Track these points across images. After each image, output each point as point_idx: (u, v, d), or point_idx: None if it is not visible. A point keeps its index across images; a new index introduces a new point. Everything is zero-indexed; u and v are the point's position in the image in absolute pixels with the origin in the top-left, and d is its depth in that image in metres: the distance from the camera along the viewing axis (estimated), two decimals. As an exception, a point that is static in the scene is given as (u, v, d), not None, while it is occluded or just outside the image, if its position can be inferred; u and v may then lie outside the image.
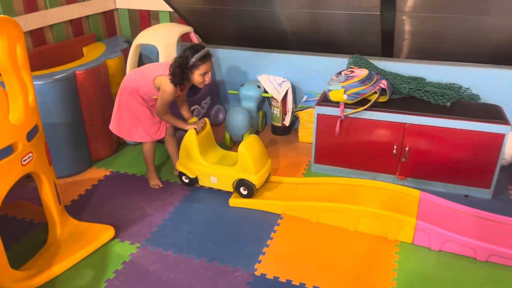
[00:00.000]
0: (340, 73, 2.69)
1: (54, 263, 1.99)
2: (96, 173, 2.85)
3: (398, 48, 3.13)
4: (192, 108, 3.17)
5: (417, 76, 2.88)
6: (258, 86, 3.17)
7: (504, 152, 2.40)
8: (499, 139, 2.35)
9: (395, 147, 2.57)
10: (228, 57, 3.45)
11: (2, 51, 1.69)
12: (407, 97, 2.68)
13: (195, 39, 3.32)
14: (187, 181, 2.63)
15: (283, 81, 3.20)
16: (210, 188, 2.64)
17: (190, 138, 2.53)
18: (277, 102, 3.19)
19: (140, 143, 2.92)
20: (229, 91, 3.31)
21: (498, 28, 2.65)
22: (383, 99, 2.61)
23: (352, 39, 3.12)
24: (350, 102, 2.56)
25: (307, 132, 3.17)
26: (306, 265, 2.04)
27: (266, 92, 3.18)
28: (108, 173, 2.85)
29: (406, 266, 2.02)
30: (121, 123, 2.56)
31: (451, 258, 2.06)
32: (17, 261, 2.00)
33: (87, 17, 3.46)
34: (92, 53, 3.11)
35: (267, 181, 2.60)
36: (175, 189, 2.65)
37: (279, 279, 1.95)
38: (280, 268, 2.01)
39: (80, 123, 2.79)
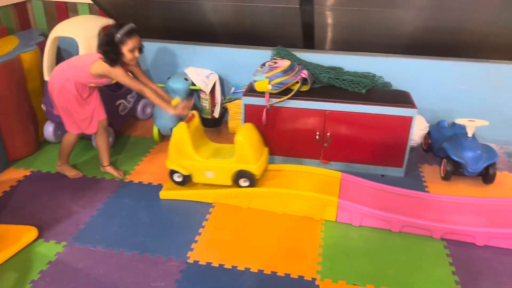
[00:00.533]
0: (264, 64, 2.78)
1: (-29, 269, 1.86)
2: (15, 174, 2.68)
3: (320, 40, 3.30)
4: (117, 102, 3.09)
5: (336, 66, 3.06)
6: (186, 79, 3.17)
7: (412, 133, 2.65)
8: (408, 121, 2.58)
9: (317, 133, 2.71)
10: (154, 50, 3.41)
11: None
12: (327, 86, 2.84)
13: (117, 32, 3.23)
14: (180, 179, 2.48)
15: (210, 74, 3.23)
16: (140, 182, 2.61)
17: (181, 133, 2.40)
18: (206, 94, 3.22)
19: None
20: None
21: (407, 20, 2.90)
22: (305, 88, 2.74)
23: (275, 32, 3.24)
24: (275, 91, 2.66)
25: (237, 123, 3.23)
26: (238, 249, 2.10)
27: (193, 84, 3.19)
28: (28, 173, 2.69)
29: (330, 242, 2.16)
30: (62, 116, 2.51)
31: (370, 231, 2.24)
32: None
33: (-4, 8, 3.23)
34: (4, 47, 2.91)
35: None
36: (103, 185, 2.59)
37: (212, 264, 1.99)
38: (213, 254, 2.06)
39: (-7, 121, 2.61)
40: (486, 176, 2.62)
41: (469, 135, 2.65)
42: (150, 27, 3.49)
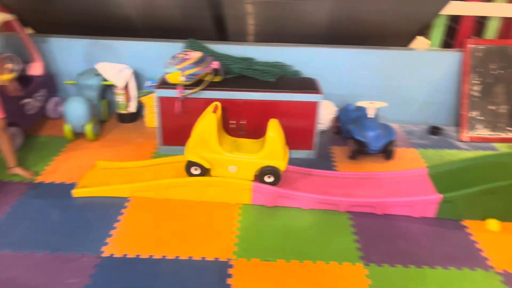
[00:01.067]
0: (175, 56, 2.81)
1: None
2: None
3: (232, 32, 3.39)
4: (22, 102, 2.95)
5: (248, 56, 3.16)
6: (97, 75, 3.10)
7: (321, 117, 2.83)
8: (315, 106, 2.75)
9: (233, 122, 2.80)
10: (62, 47, 3.29)
11: None
12: (239, 76, 2.94)
13: (19, 28, 3.07)
14: (197, 172, 2.39)
15: (123, 68, 3.18)
16: (52, 182, 2.53)
17: (210, 125, 2.32)
18: (120, 89, 3.17)
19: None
20: (65, 82, 3.16)
21: (316, 11, 3.07)
22: (217, 79, 2.81)
23: (187, 24, 3.27)
24: (188, 83, 2.71)
25: (154, 117, 3.22)
26: (155, 239, 2.13)
27: (106, 80, 3.13)
28: None
29: (246, 224, 2.26)
30: None
31: (282, 210, 2.38)
32: None
33: None
34: None
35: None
36: (11, 188, 2.47)
37: (127, 256, 2.01)
38: (129, 246, 2.07)
39: None
40: (386, 152, 2.88)
41: (370, 116, 2.89)
42: (57, 22, 3.36)
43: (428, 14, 3.20)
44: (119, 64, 3.18)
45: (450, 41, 3.66)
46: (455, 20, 3.52)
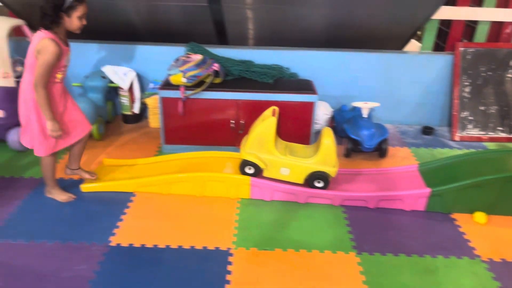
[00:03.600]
0: (178, 59, 2.94)
1: None
2: None
3: (233, 36, 3.53)
4: (33, 103, 3.08)
5: (247, 59, 3.30)
6: (103, 77, 3.23)
7: (317, 117, 2.96)
8: (310, 106, 2.89)
9: (232, 121, 2.93)
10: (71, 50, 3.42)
11: None
12: (239, 77, 3.08)
13: (28, 32, 3.21)
14: (251, 171, 2.50)
15: (128, 71, 3.32)
16: (61, 178, 2.65)
17: (270, 127, 2.44)
18: (124, 91, 3.31)
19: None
20: (73, 84, 3.30)
21: (313, 17, 3.21)
22: (218, 80, 2.95)
23: (189, 29, 3.42)
24: (190, 84, 2.84)
25: (157, 118, 3.36)
26: (159, 230, 2.25)
27: (112, 82, 3.27)
28: None
29: (245, 216, 2.39)
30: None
31: (280, 204, 2.51)
32: None
33: None
34: None
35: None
36: (22, 183, 2.60)
37: (134, 245, 2.13)
38: (134, 237, 2.19)
39: None
40: (380, 150, 3.00)
41: (364, 115, 3.01)
42: (64, 27, 3.50)
43: (421, 18, 3.34)
44: (123, 67, 3.33)
45: (442, 44, 3.80)
46: (446, 24, 3.66)
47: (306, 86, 3.00)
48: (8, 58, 2.81)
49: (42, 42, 2.07)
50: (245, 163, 2.50)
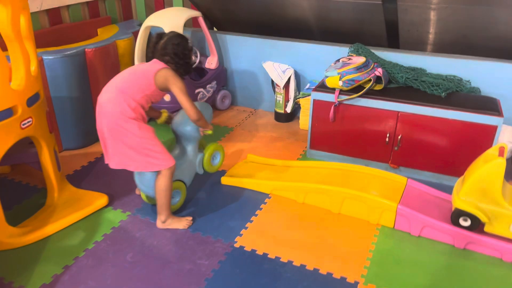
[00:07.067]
0: (338, 60, 2.72)
1: (49, 223, 2.13)
2: (101, 147, 2.98)
3: (405, 39, 3.13)
4: (196, 91, 3.27)
5: (418, 67, 2.87)
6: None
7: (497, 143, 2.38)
8: (491, 131, 2.33)
9: (388, 135, 2.58)
10: (235, 43, 3.53)
11: (6, 20, 1.83)
12: (404, 86, 2.69)
13: (203, 24, 3.41)
14: (466, 223, 2.01)
15: (287, 68, 3.25)
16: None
17: (498, 172, 1.89)
18: (280, 88, 3.25)
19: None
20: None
21: (507, 20, 2.62)
22: (378, 87, 2.63)
23: (358, 29, 3.15)
24: (346, 88, 2.59)
25: (308, 119, 3.20)
26: (285, 241, 2.10)
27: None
28: (112, 148, 2.98)
29: (382, 248, 2.05)
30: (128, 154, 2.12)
31: (429, 243, 2.08)
32: (16, 220, 2.15)
33: (104, 0, 3.61)
34: (105, 33, 3.25)
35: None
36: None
37: (256, 252, 2.02)
38: (259, 242, 2.08)
39: (88, 98, 2.93)
40: None
41: None
42: (235, 21, 3.63)
43: None
44: (283, 64, 3.26)
45: None
46: None
47: (488, 105, 2.44)
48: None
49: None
50: (459, 213, 2.01)
